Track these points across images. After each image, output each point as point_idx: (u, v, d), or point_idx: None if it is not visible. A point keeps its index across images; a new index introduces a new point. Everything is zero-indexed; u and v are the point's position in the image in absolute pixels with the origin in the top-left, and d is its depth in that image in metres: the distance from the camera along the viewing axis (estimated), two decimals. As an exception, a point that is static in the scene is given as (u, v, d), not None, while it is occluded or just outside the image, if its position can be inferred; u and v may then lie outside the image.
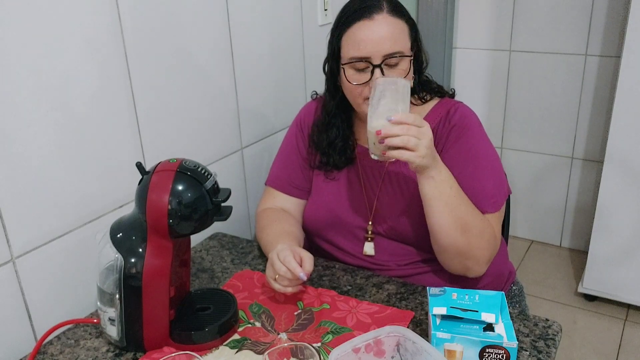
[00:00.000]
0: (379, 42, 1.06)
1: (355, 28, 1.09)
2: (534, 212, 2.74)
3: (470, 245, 1.07)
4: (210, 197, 0.91)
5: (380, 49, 1.06)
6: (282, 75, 1.60)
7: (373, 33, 1.07)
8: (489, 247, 1.10)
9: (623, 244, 2.16)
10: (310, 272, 1.03)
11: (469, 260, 1.09)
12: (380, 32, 1.07)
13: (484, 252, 1.10)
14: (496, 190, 1.13)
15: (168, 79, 1.23)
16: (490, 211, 1.11)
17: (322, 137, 1.25)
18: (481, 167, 1.13)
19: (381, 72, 1.07)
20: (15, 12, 0.91)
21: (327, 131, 1.24)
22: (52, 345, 1.01)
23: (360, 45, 1.07)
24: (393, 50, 1.07)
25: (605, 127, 2.35)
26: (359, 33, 1.08)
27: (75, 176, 1.06)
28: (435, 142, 1.16)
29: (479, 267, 1.11)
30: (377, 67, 1.07)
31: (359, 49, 1.07)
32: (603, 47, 2.34)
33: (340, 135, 1.24)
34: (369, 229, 1.22)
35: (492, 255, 1.12)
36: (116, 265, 0.92)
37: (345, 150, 1.23)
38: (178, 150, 1.28)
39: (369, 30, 1.07)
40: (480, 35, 2.59)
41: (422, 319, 1.02)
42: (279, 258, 1.04)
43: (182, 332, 0.97)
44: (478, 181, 1.11)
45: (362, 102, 1.12)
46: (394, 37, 1.07)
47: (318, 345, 0.97)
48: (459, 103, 1.20)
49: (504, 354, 0.82)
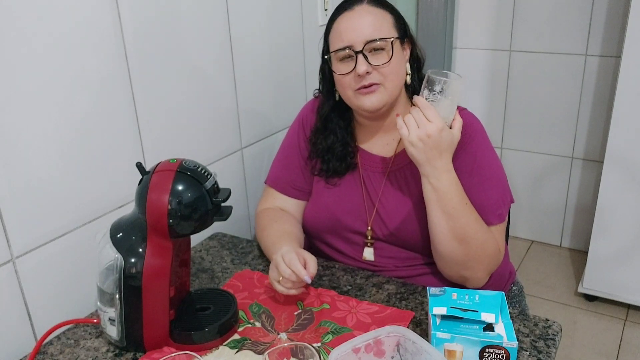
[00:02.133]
0: (360, 29, 1.09)
1: (338, 20, 1.13)
2: (534, 212, 2.74)
3: (468, 257, 1.07)
4: (210, 197, 0.91)
5: (360, 35, 1.09)
6: (282, 75, 1.60)
7: (354, 22, 1.11)
8: (491, 261, 1.10)
9: (623, 244, 2.16)
10: (314, 274, 1.03)
11: (466, 271, 1.09)
12: (361, 20, 1.10)
13: (484, 266, 1.09)
14: (501, 201, 1.13)
15: (168, 79, 1.23)
16: (495, 223, 1.11)
17: (319, 142, 1.25)
18: (487, 177, 1.12)
19: (364, 58, 1.08)
20: (16, 12, 0.91)
21: (325, 137, 1.24)
22: (52, 345, 1.01)
23: (342, 35, 1.11)
24: (374, 37, 1.09)
25: (605, 127, 2.35)
26: (340, 24, 1.12)
27: (75, 176, 1.06)
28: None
29: (477, 279, 1.10)
30: (359, 53, 1.09)
31: (341, 39, 1.11)
32: (603, 47, 2.34)
33: (339, 140, 1.23)
34: (369, 234, 1.21)
35: (493, 269, 1.12)
36: (116, 265, 0.92)
37: (345, 157, 1.23)
38: (178, 150, 1.28)
39: (350, 20, 1.11)
40: (480, 35, 2.59)
41: (422, 319, 1.02)
42: (284, 260, 1.04)
43: (182, 332, 0.97)
44: (484, 192, 1.11)
45: (353, 94, 1.13)
46: (374, 24, 1.10)
47: (318, 345, 0.97)
48: (463, 110, 1.18)
49: (504, 354, 0.82)
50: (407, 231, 1.17)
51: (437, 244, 1.08)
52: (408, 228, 1.16)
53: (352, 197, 1.23)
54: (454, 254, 1.07)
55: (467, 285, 1.12)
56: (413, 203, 1.16)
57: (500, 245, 1.13)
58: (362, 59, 1.08)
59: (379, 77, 1.10)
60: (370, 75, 1.10)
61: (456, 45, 2.65)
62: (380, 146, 1.22)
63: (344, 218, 1.22)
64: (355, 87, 1.11)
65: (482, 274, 1.10)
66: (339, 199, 1.24)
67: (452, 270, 1.11)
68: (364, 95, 1.12)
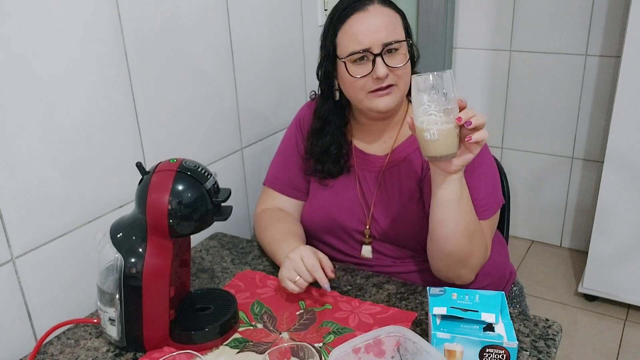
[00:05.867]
0: (376, 31, 1.07)
1: (350, 22, 1.10)
2: (534, 212, 2.74)
3: (471, 252, 1.06)
4: (210, 197, 0.91)
5: (378, 38, 1.07)
6: (282, 75, 1.60)
7: (369, 24, 1.08)
8: (482, 255, 1.10)
9: (623, 244, 2.16)
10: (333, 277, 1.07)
11: (464, 268, 1.08)
12: (376, 22, 1.08)
13: (479, 260, 1.09)
14: (488, 199, 1.12)
15: (168, 79, 1.23)
16: (484, 218, 1.10)
17: (316, 143, 1.24)
18: (477, 174, 1.11)
19: (382, 61, 1.07)
20: (16, 12, 0.91)
21: (321, 138, 1.24)
22: (52, 345, 1.01)
23: (359, 38, 1.08)
24: (390, 39, 1.08)
25: (605, 127, 2.35)
26: (355, 26, 1.09)
27: (76, 176, 1.06)
28: None
29: (470, 274, 1.10)
30: (378, 55, 1.07)
31: (358, 42, 1.08)
32: (603, 47, 2.34)
33: (334, 142, 1.23)
34: (366, 232, 1.21)
35: (483, 264, 1.12)
36: (116, 265, 0.92)
37: (339, 159, 1.22)
38: (178, 150, 1.28)
39: (365, 22, 1.08)
40: (480, 35, 2.59)
41: (422, 319, 1.02)
42: (306, 265, 1.04)
43: (182, 332, 0.97)
44: (471, 189, 1.08)
45: (365, 96, 1.12)
46: (389, 25, 1.09)
47: (320, 345, 0.97)
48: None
49: (504, 354, 0.82)
50: (404, 228, 1.17)
51: (446, 243, 1.04)
52: (405, 225, 1.17)
53: (348, 196, 1.23)
54: (461, 251, 1.05)
55: (457, 282, 1.11)
56: (408, 200, 1.16)
57: (488, 241, 1.12)
58: (381, 62, 1.07)
59: (394, 79, 1.10)
60: (388, 77, 1.09)
61: (456, 45, 2.65)
62: (377, 145, 1.22)
63: (341, 217, 1.22)
64: (371, 89, 1.10)
65: (476, 268, 1.10)
66: (335, 198, 1.24)
67: (450, 268, 1.09)
68: (378, 97, 1.11)
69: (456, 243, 1.04)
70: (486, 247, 1.11)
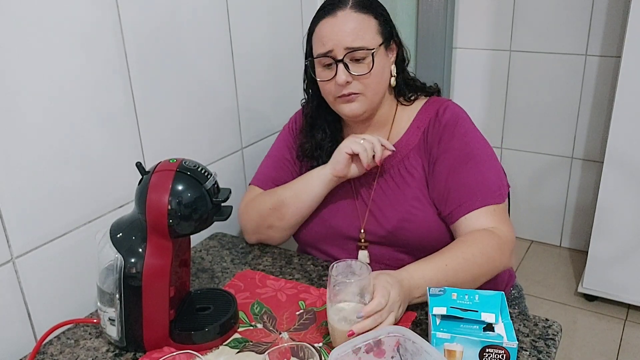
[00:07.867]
0: (340, 36, 1.08)
1: (320, 25, 1.12)
2: (534, 212, 2.74)
3: (489, 275, 1.07)
4: (210, 197, 0.91)
5: (341, 42, 1.08)
6: (282, 75, 1.60)
7: (334, 27, 1.09)
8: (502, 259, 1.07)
9: (623, 244, 2.16)
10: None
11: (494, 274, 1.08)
12: (342, 26, 1.09)
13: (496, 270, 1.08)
14: (499, 181, 1.12)
15: (168, 79, 1.23)
16: (498, 202, 1.10)
17: (308, 140, 1.24)
18: (480, 161, 1.12)
19: (343, 68, 1.08)
20: (16, 12, 0.91)
21: (313, 135, 1.24)
22: (52, 345, 1.01)
23: (324, 41, 1.10)
24: (355, 45, 1.08)
25: (605, 127, 2.35)
26: (322, 29, 1.11)
27: (75, 176, 1.06)
28: (428, 144, 1.16)
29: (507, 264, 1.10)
30: (339, 62, 1.08)
31: (323, 45, 1.10)
32: (603, 47, 2.35)
33: (327, 136, 1.23)
34: (362, 237, 1.21)
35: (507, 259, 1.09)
36: (116, 265, 0.92)
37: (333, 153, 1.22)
38: (178, 150, 1.28)
39: (331, 26, 1.10)
40: (480, 35, 2.59)
41: (422, 319, 1.02)
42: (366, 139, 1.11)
43: (182, 332, 0.97)
44: (481, 175, 1.10)
45: (334, 100, 1.13)
46: (356, 31, 1.09)
47: (320, 345, 0.97)
48: (447, 101, 1.19)
49: (504, 354, 0.82)
50: (402, 229, 1.16)
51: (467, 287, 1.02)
52: (403, 225, 1.16)
53: (344, 201, 1.22)
54: (484, 279, 1.06)
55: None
56: (406, 199, 1.16)
57: (506, 230, 1.09)
58: (342, 69, 1.08)
59: (359, 87, 1.10)
60: (351, 84, 1.10)
61: (456, 45, 2.65)
62: None
63: (338, 224, 1.22)
64: (337, 94, 1.11)
65: (500, 270, 1.09)
66: (331, 205, 1.23)
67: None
68: (344, 103, 1.13)
69: (475, 285, 1.05)
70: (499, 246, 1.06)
